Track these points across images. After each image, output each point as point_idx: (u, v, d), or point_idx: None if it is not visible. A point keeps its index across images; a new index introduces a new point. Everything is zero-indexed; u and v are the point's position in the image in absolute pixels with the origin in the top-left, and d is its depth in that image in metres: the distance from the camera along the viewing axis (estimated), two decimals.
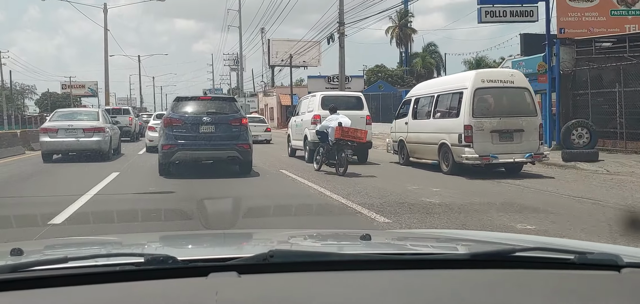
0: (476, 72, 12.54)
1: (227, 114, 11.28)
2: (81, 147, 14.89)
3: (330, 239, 2.46)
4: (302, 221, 6.76)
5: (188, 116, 11.09)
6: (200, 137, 10.90)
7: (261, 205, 7.72)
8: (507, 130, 11.08)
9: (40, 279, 1.34)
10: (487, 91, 11.36)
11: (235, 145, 10.99)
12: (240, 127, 11.18)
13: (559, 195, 8.64)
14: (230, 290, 1.31)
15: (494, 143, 10.99)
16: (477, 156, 10.84)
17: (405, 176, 11.31)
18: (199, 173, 11.11)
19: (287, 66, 52.88)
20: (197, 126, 10.94)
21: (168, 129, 10.97)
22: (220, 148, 10.99)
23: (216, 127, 10.99)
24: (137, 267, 1.40)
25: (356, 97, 15.50)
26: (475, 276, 1.47)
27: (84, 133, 14.90)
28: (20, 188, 10.01)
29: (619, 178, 10.63)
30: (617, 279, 1.45)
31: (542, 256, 1.59)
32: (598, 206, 7.60)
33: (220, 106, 11.70)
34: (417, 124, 13.31)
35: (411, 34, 55.51)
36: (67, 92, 76.50)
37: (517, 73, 12.71)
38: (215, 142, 10.93)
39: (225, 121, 11.10)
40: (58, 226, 6.05)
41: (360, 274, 1.46)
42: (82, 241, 2.96)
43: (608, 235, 5.52)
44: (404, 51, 55.25)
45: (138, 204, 7.92)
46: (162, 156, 10.94)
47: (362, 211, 7.20)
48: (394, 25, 54.15)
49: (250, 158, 11.41)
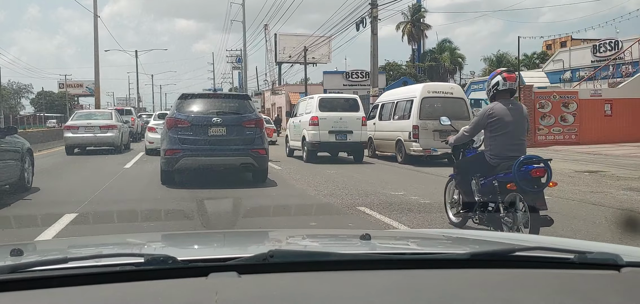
0: (423, 85, 15.94)
1: (240, 114, 9.84)
2: (98, 141, 17.79)
3: (330, 239, 2.46)
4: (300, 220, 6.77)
5: (195, 116, 9.65)
6: (209, 141, 9.49)
7: (261, 205, 7.72)
8: (445, 130, 12.08)
9: (40, 280, 1.34)
10: (432, 100, 14.51)
11: (249, 150, 9.60)
12: (255, 130, 9.76)
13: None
14: (230, 290, 1.31)
15: (435, 139, 13.51)
16: (421, 149, 14.14)
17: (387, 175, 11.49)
18: (204, 178, 9.78)
19: (296, 63, 49.93)
20: (206, 128, 9.52)
21: (172, 131, 9.54)
22: (233, 154, 9.56)
23: (228, 129, 9.58)
24: (137, 267, 1.40)
25: (353, 99, 16.06)
26: (475, 276, 1.47)
27: (100, 129, 17.80)
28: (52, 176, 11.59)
29: None
30: (617, 279, 1.45)
31: (542, 256, 1.59)
32: None
33: (233, 105, 10.29)
34: (381, 125, 16.30)
35: (424, 30, 52.71)
36: (65, 92, 75.53)
37: (456, 87, 17.17)
38: (226, 147, 9.52)
39: (239, 122, 9.69)
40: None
41: (360, 274, 1.46)
42: (81, 241, 2.96)
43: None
44: (417, 48, 52.65)
45: (139, 205, 7.92)
46: (165, 162, 9.61)
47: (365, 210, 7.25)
48: (406, 21, 51.62)
49: (267, 165, 10.14)
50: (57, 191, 9.47)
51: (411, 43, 52.93)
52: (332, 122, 14.65)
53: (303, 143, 15.31)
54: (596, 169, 12.82)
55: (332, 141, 14.68)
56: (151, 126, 17.82)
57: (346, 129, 14.73)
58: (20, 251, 1.61)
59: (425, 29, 52.70)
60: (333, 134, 14.65)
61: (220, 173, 9.97)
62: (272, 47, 58.33)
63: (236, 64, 66.95)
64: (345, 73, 41.96)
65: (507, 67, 47.74)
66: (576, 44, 49.06)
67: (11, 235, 5.96)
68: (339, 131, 14.70)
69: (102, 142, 17.94)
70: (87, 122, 18.11)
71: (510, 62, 48.14)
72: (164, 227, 6.33)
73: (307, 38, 47.91)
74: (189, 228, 6.12)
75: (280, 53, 54.77)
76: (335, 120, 14.72)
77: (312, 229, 5.83)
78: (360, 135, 14.88)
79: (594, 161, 14.94)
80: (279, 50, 54.83)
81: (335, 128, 14.66)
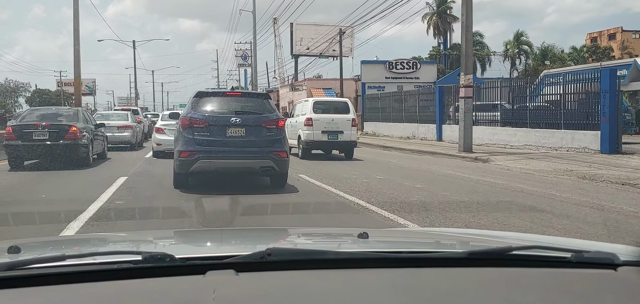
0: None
1: (260, 114, 9.26)
2: (116, 139, 19.18)
3: (327, 237, 2.47)
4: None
5: (212, 116, 9.07)
6: (227, 143, 8.91)
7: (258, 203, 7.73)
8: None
9: (38, 277, 1.34)
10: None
11: (270, 153, 8.99)
12: (276, 131, 9.23)
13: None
14: (228, 288, 1.31)
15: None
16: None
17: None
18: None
19: (314, 56, 45.48)
20: (224, 129, 8.94)
21: (187, 132, 8.88)
22: (252, 157, 8.97)
23: (247, 130, 9.02)
24: (135, 265, 1.40)
25: (344, 102, 17.94)
26: (472, 274, 1.48)
27: (118, 129, 19.62)
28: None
29: None
30: (613, 278, 1.45)
31: (539, 255, 1.60)
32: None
33: (252, 104, 9.71)
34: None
35: (451, 22, 47.86)
36: (61, 90, 74.31)
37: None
38: (246, 149, 8.95)
39: (259, 123, 9.11)
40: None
41: (357, 272, 1.46)
42: (79, 238, 2.96)
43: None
44: (443, 41, 47.74)
45: (138, 203, 7.92)
46: (179, 165, 8.88)
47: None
48: (432, 12, 46.91)
49: (287, 169, 9.47)
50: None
51: (437, 36, 48.28)
52: (324, 123, 16.26)
53: (299, 142, 16.81)
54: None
55: (324, 140, 16.31)
56: (159, 127, 16.84)
57: (337, 129, 16.33)
58: (18, 249, 1.61)
59: (452, 21, 47.64)
60: (325, 134, 16.24)
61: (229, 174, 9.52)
62: (281, 43, 54.51)
63: (242, 62, 63.67)
64: (388, 63, 35.98)
65: (552, 60, 44.50)
66: (627, 35, 47.01)
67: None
68: (331, 131, 16.30)
69: (119, 140, 19.57)
70: (106, 122, 19.14)
71: (556, 55, 45.04)
72: (161, 225, 6.33)
73: (328, 28, 42.88)
74: (186, 225, 6.12)
75: (296, 45, 48.34)
76: (327, 121, 16.34)
77: (310, 227, 5.85)
78: (350, 135, 16.47)
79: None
80: (295, 41, 48.41)
81: (327, 129, 16.26)
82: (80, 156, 13.10)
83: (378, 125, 30.45)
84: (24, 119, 13.72)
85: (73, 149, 12.95)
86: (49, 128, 12.86)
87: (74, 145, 12.96)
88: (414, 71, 35.33)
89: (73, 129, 13.07)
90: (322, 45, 42.96)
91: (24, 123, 13.19)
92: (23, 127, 13.00)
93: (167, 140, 14.42)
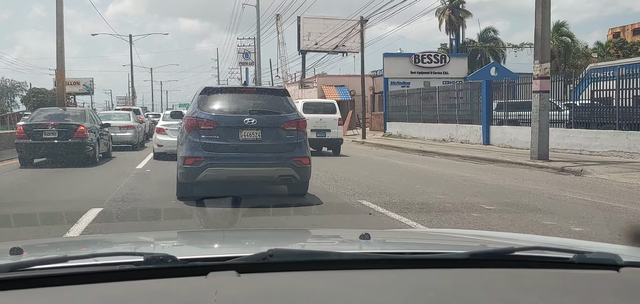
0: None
1: (278, 114, 7.93)
2: (118, 139, 19.27)
3: (329, 238, 2.47)
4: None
5: (222, 116, 7.76)
6: (240, 147, 7.63)
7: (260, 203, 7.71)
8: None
9: (40, 279, 1.34)
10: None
11: (290, 159, 7.72)
12: (297, 133, 7.88)
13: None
14: (230, 289, 1.31)
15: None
16: None
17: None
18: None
19: (324, 51, 43.43)
20: (236, 131, 7.65)
21: (193, 135, 7.62)
22: (270, 164, 7.72)
23: (263, 132, 7.72)
24: (137, 266, 1.40)
25: (331, 103, 19.77)
26: (474, 275, 1.48)
27: (120, 129, 19.70)
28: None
29: None
30: (616, 279, 1.45)
31: (541, 256, 1.60)
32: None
33: (268, 102, 8.27)
34: None
35: (464, 18, 45.37)
36: (56, 88, 73.47)
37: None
38: (262, 155, 7.68)
39: (276, 124, 7.81)
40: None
41: (359, 273, 1.46)
42: (81, 240, 2.96)
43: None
44: (455, 38, 44.99)
45: (140, 204, 7.92)
46: (184, 173, 7.65)
47: None
48: (444, 7, 44.29)
49: (309, 177, 8.15)
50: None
51: (449, 32, 45.66)
52: (313, 122, 17.08)
53: None
54: None
55: (313, 138, 17.06)
56: (160, 127, 15.88)
57: (325, 128, 17.93)
58: (20, 250, 1.61)
59: (465, 17, 45.31)
60: (314, 132, 17.28)
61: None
62: (284, 40, 52.51)
63: (244, 60, 61.39)
64: (414, 56, 31.89)
65: (576, 56, 43.25)
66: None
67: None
68: (320, 130, 17.78)
69: (122, 140, 19.79)
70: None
71: (580, 50, 42.98)
72: (164, 226, 6.33)
73: (338, 22, 41.34)
74: (188, 226, 6.12)
75: (304, 40, 44.77)
76: (316, 120, 17.58)
77: (312, 228, 5.85)
78: (337, 133, 18.12)
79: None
80: (303, 36, 44.83)
81: (316, 128, 17.50)
82: (87, 155, 13.59)
83: (404, 126, 26.42)
84: (34, 119, 14.39)
85: (80, 148, 13.49)
86: (57, 127, 13.58)
87: (82, 143, 13.50)
88: (443, 65, 31.60)
89: (81, 128, 13.61)
90: (333, 40, 40.43)
91: (34, 123, 13.91)
92: (33, 126, 13.74)
93: (168, 141, 14.24)
